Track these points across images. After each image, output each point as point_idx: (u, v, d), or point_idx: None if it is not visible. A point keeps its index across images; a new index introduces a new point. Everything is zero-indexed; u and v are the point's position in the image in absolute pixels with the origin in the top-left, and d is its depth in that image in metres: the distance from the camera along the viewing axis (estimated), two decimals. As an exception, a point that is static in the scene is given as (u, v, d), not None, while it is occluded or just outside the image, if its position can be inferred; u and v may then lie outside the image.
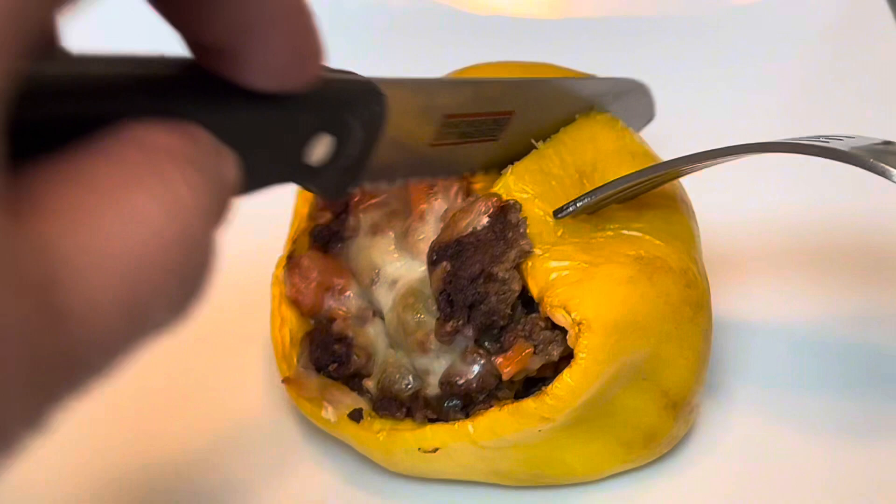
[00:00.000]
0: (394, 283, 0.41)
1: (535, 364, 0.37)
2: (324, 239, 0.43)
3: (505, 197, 0.39)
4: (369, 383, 0.41)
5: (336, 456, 0.43)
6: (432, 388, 0.39)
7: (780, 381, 0.45)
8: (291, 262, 0.42)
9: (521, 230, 0.38)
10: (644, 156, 0.42)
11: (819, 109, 0.57)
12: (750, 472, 0.42)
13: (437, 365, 0.39)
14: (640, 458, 0.41)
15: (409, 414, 0.39)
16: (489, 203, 0.39)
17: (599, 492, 0.41)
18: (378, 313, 0.42)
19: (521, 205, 0.39)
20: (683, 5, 0.61)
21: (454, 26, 0.63)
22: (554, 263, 0.38)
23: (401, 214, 0.42)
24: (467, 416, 0.38)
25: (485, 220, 0.39)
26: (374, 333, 0.42)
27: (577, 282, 0.37)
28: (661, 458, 0.42)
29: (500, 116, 0.39)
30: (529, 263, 0.38)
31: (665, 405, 0.40)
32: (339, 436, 0.41)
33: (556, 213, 0.39)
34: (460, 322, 0.38)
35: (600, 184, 0.40)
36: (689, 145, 0.55)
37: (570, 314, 0.36)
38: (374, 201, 0.42)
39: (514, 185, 0.39)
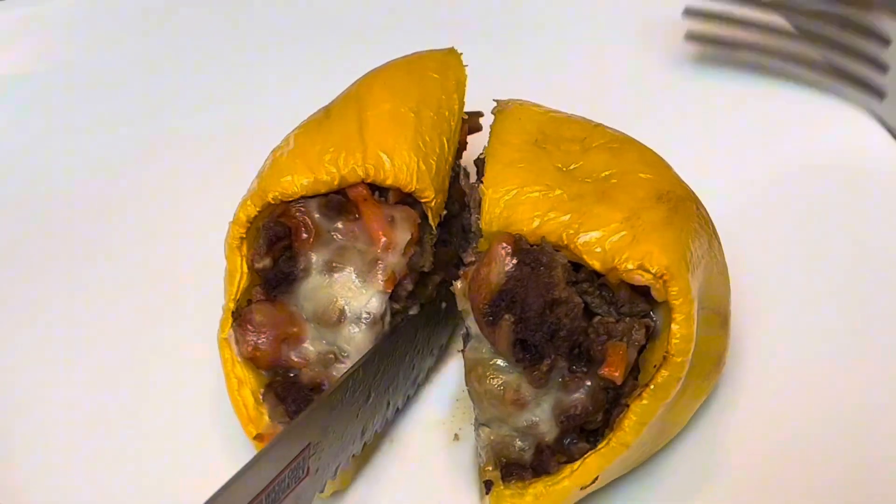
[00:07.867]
0: (361, 318, 0.40)
1: (633, 355, 0.37)
2: (275, 282, 0.41)
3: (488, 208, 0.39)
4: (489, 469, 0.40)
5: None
6: (549, 433, 0.38)
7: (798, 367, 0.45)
8: (240, 318, 0.40)
9: (548, 249, 0.38)
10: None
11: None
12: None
13: (539, 412, 0.38)
14: (710, 385, 0.42)
15: (543, 469, 0.38)
16: (503, 245, 0.38)
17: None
18: (341, 354, 0.40)
19: (524, 237, 0.38)
20: (683, 5, 0.57)
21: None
22: (594, 234, 0.37)
23: (352, 250, 0.41)
24: (587, 442, 0.38)
25: (510, 260, 0.38)
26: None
27: (634, 241, 0.37)
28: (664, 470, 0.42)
29: (293, 464, 0.37)
30: (578, 240, 0.38)
31: (721, 324, 0.41)
32: None
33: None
34: (553, 357, 0.37)
35: (558, 142, 0.41)
36: (687, 144, 0.53)
37: (649, 271, 0.36)
38: (317, 240, 0.41)
39: (494, 194, 0.39)
